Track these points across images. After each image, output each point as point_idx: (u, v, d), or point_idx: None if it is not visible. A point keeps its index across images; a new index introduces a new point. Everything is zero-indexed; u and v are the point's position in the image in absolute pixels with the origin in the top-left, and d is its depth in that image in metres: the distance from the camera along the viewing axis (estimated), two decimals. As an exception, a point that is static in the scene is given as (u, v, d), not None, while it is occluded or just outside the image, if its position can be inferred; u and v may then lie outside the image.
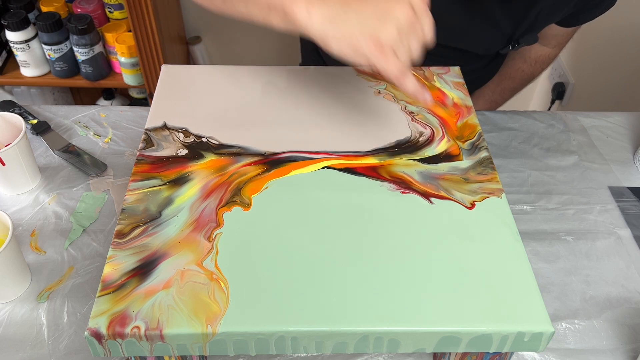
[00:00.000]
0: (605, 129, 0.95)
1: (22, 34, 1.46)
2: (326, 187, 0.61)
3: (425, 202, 0.60)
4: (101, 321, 0.49)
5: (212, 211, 0.58)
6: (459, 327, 0.50)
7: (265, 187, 0.61)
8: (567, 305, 0.70)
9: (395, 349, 0.52)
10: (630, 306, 0.70)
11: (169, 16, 1.58)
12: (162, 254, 0.54)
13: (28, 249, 0.73)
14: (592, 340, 0.67)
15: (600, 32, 1.49)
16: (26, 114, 0.91)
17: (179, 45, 1.69)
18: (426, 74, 0.77)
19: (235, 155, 0.64)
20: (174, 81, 0.75)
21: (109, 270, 0.53)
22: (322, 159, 0.64)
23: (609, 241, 0.77)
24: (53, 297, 0.68)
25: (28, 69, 1.55)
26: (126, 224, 0.57)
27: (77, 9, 1.54)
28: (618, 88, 1.42)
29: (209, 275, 0.53)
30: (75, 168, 0.83)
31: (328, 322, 0.50)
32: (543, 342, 0.51)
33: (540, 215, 0.80)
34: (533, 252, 0.75)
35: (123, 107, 0.94)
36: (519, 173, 0.86)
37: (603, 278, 0.73)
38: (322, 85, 0.75)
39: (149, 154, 0.64)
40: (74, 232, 0.75)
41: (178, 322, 0.49)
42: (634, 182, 0.86)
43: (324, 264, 0.54)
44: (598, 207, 0.82)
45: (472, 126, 0.69)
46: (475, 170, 0.64)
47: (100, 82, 1.59)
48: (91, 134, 0.89)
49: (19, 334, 0.64)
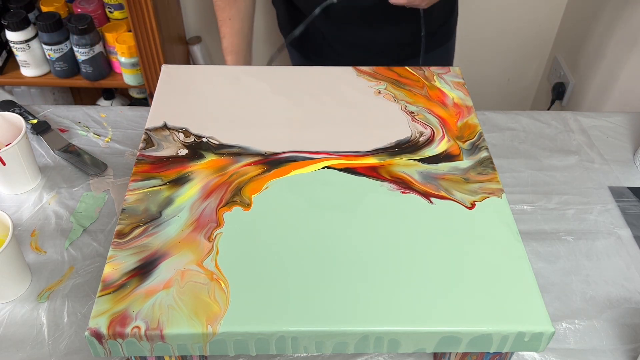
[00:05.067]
0: (605, 129, 0.95)
1: (22, 34, 1.46)
2: (326, 187, 0.61)
3: (426, 202, 0.60)
4: (101, 321, 0.49)
5: (212, 211, 0.58)
6: (459, 327, 0.50)
7: (266, 187, 0.61)
8: (567, 305, 0.70)
9: (395, 349, 0.52)
10: (630, 306, 0.70)
11: (169, 16, 1.58)
12: (162, 254, 0.54)
13: (28, 249, 0.73)
14: (592, 340, 0.67)
15: (601, 32, 1.49)
16: (26, 114, 0.91)
17: (179, 45, 1.69)
18: (426, 74, 0.77)
19: (236, 155, 0.64)
20: (174, 81, 0.75)
21: (109, 270, 0.53)
22: (322, 159, 0.64)
23: (609, 241, 0.77)
24: (53, 297, 0.68)
25: (28, 69, 1.55)
26: (126, 224, 0.57)
27: (77, 9, 1.54)
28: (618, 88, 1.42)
29: (209, 275, 0.53)
30: (75, 168, 0.83)
31: (328, 322, 0.50)
32: (543, 342, 0.51)
33: (540, 215, 0.80)
34: (533, 252, 0.75)
35: (123, 107, 0.94)
36: (519, 173, 0.86)
37: (603, 278, 0.73)
38: (322, 85, 0.75)
39: (149, 154, 0.64)
40: (74, 232, 0.75)
41: (178, 322, 0.49)
42: (634, 182, 0.86)
43: (324, 263, 0.54)
44: (598, 207, 0.82)
45: (472, 126, 0.69)
46: (475, 170, 0.64)
47: (100, 82, 1.59)
48: (91, 134, 0.89)
49: (19, 334, 0.64)
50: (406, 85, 0.75)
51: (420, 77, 0.77)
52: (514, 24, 1.70)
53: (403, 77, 0.77)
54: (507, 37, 1.74)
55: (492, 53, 1.77)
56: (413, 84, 0.75)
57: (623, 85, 1.40)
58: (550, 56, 1.78)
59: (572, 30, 1.66)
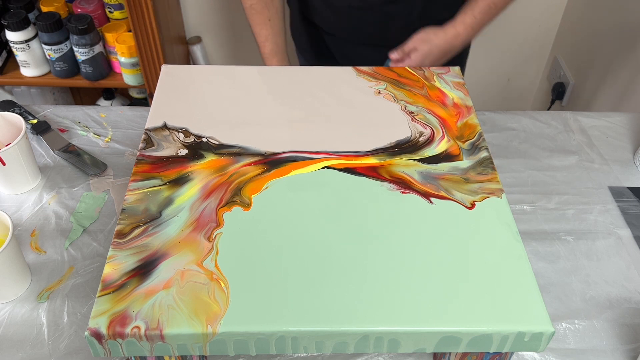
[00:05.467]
0: (605, 129, 0.95)
1: (22, 34, 1.46)
2: (326, 187, 0.61)
3: (425, 202, 0.60)
4: (101, 321, 0.49)
5: (212, 211, 0.58)
6: (459, 327, 0.50)
7: (265, 187, 0.61)
8: (567, 305, 0.70)
9: (395, 349, 0.52)
10: (630, 306, 0.70)
11: (169, 16, 1.58)
12: (162, 254, 0.54)
13: (28, 249, 0.73)
14: (592, 340, 0.67)
15: (601, 32, 1.49)
16: (26, 114, 0.91)
17: (179, 45, 1.69)
18: (426, 74, 0.77)
19: (235, 155, 0.64)
20: (174, 81, 0.75)
21: (109, 270, 0.53)
22: (322, 159, 0.64)
23: (609, 241, 0.77)
24: (53, 297, 0.68)
25: (28, 69, 1.55)
26: (126, 224, 0.57)
27: (77, 9, 1.54)
28: (618, 88, 1.42)
29: (209, 275, 0.53)
30: (75, 168, 0.83)
31: (328, 322, 0.50)
32: (543, 342, 0.51)
33: (540, 215, 0.80)
34: (533, 252, 0.75)
35: (123, 107, 0.94)
36: (519, 173, 0.86)
37: (603, 278, 0.73)
38: (322, 85, 0.75)
39: (149, 154, 0.64)
40: (74, 232, 0.75)
41: (178, 322, 0.49)
42: (634, 182, 0.86)
43: (324, 263, 0.54)
44: (598, 207, 0.82)
45: (472, 126, 0.69)
46: (475, 170, 0.64)
47: (100, 82, 1.59)
48: (91, 134, 0.89)
49: (19, 334, 0.64)
50: (406, 85, 0.75)
51: (420, 77, 0.77)
52: (514, 24, 1.70)
53: (403, 77, 0.77)
54: (507, 37, 1.74)
55: (492, 53, 1.77)
56: (413, 84, 0.75)
57: (623, 85, 1.40)
58: (550, 56, 1.78)
59: (572, 30, 1.66)
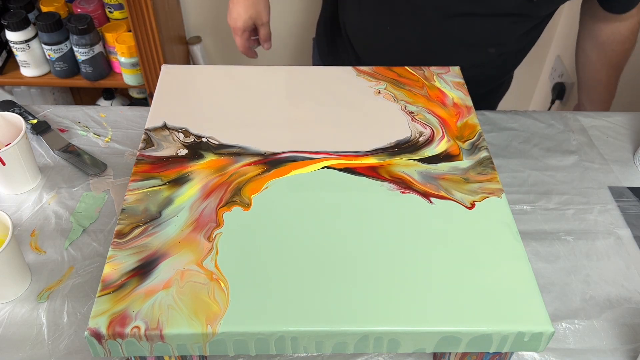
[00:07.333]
0: (605, 129, 0.95)
1: (22, 34, 1.46)
2: (326, 187, 0.61)
3: (425, 202, 0.60)
4: (101, 321, 0.49)
5: (212, 211, 0.58)
6: (459, 327, 0.50)
7: (265, 187, 0.61)
8: (567, 305, 0.70)
9: (395, 349, 0.52)
10: (630, 306, 0.70)
11: (169, 16, 1.58)
12: (162, 254, 0.54)
13: (28, 249, 0.73)
14: (592, 340, 0.67)
15: (600, 32, 1.48)
16: (26, 114, 0.91)
17: (179, 45, 1.69)
18: (426, 74, 0.77)
19: (235, 155, 0.64)
20: (174, 81, 0.75)
21: (109, 270, 0.53)
22: (322, 159, 0.64)
23: (609, 241, 0.77)
24: (53, 297, 0.68)
25: (28, 69, 1.55)
26: (126, 224, 0.57)
27: (77, 9, 1.54)
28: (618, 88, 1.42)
29: (209, 275, 0.53)
30: (75, 168, 0.83)
31: (328, 322, 0.50)
32: (543, 342, 0.51)
33: (540, 215, 0.80)
34: (533, 252, 0.75)
35: (123, 107, 0.94)
36: (519, 173, 0.86)
37: (603, 278, 0.73)
38: (322, 85, 0.75)
39: (149, 154, 0.64)
40: (74, 232, 0.75)
41: (178, 322, 0.49)
42: (634, 182, 0.86)
43: (324, 264, 0.54)
44: (598, 207, 0.82)
45: (472, 126, 0.69)
46: (475, 170, 0.64)
47: (100, 82, 1.59)
48: (91, 134, 0.89)
49: (19, 334, 0.64)
50: (406, 85, 0.75)
51: (420, 77, 0.77)
52: (514, 24, 1.70)
53: (403, 77, 0.77)
54: (507, 37, 1.73)
55: (492, 53, 1.77)
56: (413, 84, 0.75)
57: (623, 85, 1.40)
58: (550, 56, 1.78)
59: (572, 30, 1.66)
